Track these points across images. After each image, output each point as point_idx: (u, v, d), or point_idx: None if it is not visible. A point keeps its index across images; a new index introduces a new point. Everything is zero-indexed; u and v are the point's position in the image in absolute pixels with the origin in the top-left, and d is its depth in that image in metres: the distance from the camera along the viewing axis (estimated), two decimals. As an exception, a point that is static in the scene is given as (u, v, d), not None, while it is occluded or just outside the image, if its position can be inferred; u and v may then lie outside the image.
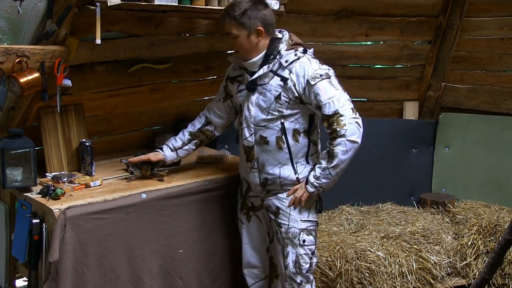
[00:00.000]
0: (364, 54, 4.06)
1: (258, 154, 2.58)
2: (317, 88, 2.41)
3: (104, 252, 2.44)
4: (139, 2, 2.49)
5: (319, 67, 2.46)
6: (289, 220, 2.57)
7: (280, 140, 2.52)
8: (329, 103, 2.40)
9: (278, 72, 2.49)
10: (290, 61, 2.47)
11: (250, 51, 2.51)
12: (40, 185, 2.59)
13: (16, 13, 2.28)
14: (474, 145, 4.00)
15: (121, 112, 3.18)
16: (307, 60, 2.47)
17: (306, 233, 2.58)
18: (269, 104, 2.50)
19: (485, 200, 3.86)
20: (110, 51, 2.87)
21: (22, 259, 2.46)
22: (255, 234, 2.78)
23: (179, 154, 2.82)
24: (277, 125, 2.52)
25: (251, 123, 2.56)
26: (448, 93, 4.21)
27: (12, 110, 2.60)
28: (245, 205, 2.77)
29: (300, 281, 2.60)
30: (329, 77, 2.45)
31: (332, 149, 2.41)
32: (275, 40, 2.52)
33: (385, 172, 3.98)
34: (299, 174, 2.55)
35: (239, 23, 2.45)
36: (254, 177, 2.62)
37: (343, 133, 2.38)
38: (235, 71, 2.70)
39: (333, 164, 2.42)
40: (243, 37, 2.48)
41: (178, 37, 3.14)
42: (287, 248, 2.59)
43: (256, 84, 2.53)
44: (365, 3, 3.79)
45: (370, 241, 3.26)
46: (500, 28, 3.91)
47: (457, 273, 3.39)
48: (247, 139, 2.59)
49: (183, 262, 2.70)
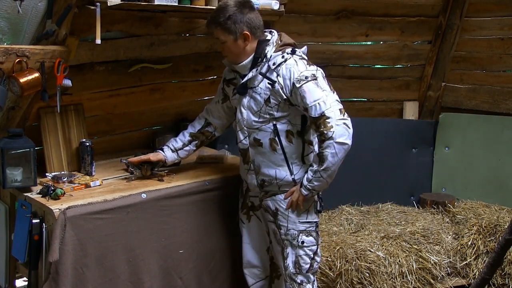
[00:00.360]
0: (364, 54, 4.06)
1: (254, 156, 2.58)
2: (302, 91, 2.39)
3: (104, 252, 2.44)
4: (139, 2, 2.49)
5: (305, 69, 2.43)
6: (287, 222, 2.57)
7: (273, 142, 2.52)
8: (315, 105, 2.37)
9: (267, 74, 2.48)
10: (277, 63, 2.45)
11: (238, 55, 2.51)
12: (40, 185, 2.59)
13: (16, 13, 2.28)
14: (474, 145, 3.99)
15: (121, 112, 3.18)
16: (293, 62, 2.44)
17: (305, 234, 2.58)
18: (259, 107, 2.50)
19: (485, 200, 3.85)
20: (110, 51, 2.87)
21: (22, 259, 2.46)
22: (255, 234, 2.79)
23: (179, 155, 2.82)
24: (269, 127, 2.51)
25: (244, 125, 2.56)
26: (448, 93, 4.21)
27: (12, 110, 2.60)
28: (245, 205, 2.77)
29: (301, 281, 2.60)
30: (315, 78, 2.41)
31: (321, 152, 2.39)
32: (263, 43, 2.50)
33: (385, 172, 3.98)
34: (295, 175, 2.55)
35: (224, 29, 2.45)
36: (252, 178, 2.62)
37: (330, 135, 2.35)
38: (230, 74, 2.70)
39: (324, 167, 2.40)
40: (230, 42, 2.47)
41: (178, 37, 3.15)
42: (287, 250, 2.59)
43: (246, 87, 2.53)
44: (365, 3, 3.79)
45: (370, 241, 3.26)
46: (500, 28, 3.91)
47: (457, 273, 3.39)
48: (241, 142, 2.60)
49: (183, 262, 2.70)
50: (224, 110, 2.80)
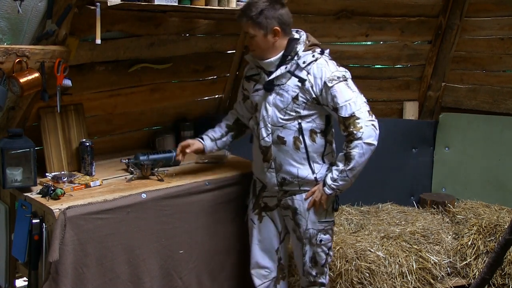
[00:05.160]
0: (364, 54, 4.06)
1: (275, 154, 2.58)
2: (334, 90, 2.43)
3: (104, 252, 2.44)
4: (139, 2, 2.49)
5: (336, 69, 2.48)
6: (307, 221, 2.61)
7: (297, 140, 2.53)
8: (345, 105, 2.42)
9: (295, 72, 2.50)
10: (307, 62, 2.48)
11: (266, 50, 2.51)
12: (40, 185, 2.60)
13: (16, 13, 2.28)
14: (474, 145, 3.99)
15: (121, 112, 3.18)
16: (324, 61, 2.49)
17: (323, 233, 2.64)
18: (286, 105, 2.51)
19: (485, 200, 3.85)
20: (110, 51, 2.87)
21: (22, 259, 2.46)
22: (266, 235, 2.78)
23: (218, 144, 2.85)
24: (294, 125, 2.53)
25: (268, 123, 2.56)
26: (448, 93, 4.21)
27: (12, 110, 2.60)
28: (258, 205, 2.77)
29: (316, 273, 2.69)
30: (346, 79, 2.48)
31: (349, 152, 2.44)
32: (293, 41, 2.53)
33: (385, 172, 3.97)
34: (316, 174, 2.57)
35: (256, 23, 2.46)
36: (272, 177, 2.62)
37: (359, 135, 2.41)
38: (251, 70, 2.71)
39: (350, 166, 2.45)
40: (260, 37, 2.48)
41: (178, 37, 3.15)
42: (305, 247, 2.65)
43: (273, 84, 2.54)
44: (365, 3, 3.79)
45: (370, 241, 3.26)
46: (500, 28, 3.90)
47: (457, 273, 3.39)
48: (264, 139, 2.59)
49: (183, 262, 2.70)
50: (247, 109, 2.82)
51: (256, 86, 2.64)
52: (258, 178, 2.74)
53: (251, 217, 2.80)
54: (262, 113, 2.58)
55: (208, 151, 2.82)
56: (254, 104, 2.67)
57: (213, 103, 3.68)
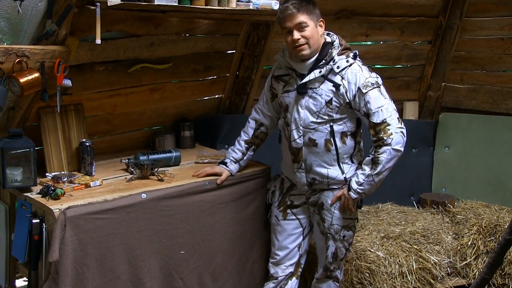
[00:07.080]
0: (364, 54, 4.04)
1: (306, 155, 2.61)
2: (368, 97, 2.46)
3: (104, 252, 2.43)
4: (139, 2, 2.49)
5: (369, 75, 2.50)
6: (332, 217, 2.65)
7: (328, 142, 2.56)
8: (378, 112, 2.45)
9: (328, 77, 2.52)
10: (342, 67, 2.50)
11: (317, 41, 2.51)
12: (40, 185, 2.59)
13: (16, 13, 2.28)
14: (474, 145, 4.00)
15: (121, 112, 3.18)
16: (358, 67, 2.51)
17: (347, 229, 2.68)
18: (319, 108, 2.53)
19: (485, 200, 3.86)
20: (110, 51, 2.87)
21: (22, 259, 2.46)
22: (289, 231, 2.82)
23: (241, 164, 2.86)
24: (326, 128, 2.55)
25: (300, 125, 2.58)
26: (448, 93, 4.21)
27: (12, 110, 2.60)
28: (284, 202, 2.81)
29: (333, 268, 2.76)
30: (379, 86, 2.50)
31: (377, 157, 2.47)
32: (327, 45, 2.54)
33: (385, 172, 3.98)
34: (346, 174, 2.62)
35: (309, 11, 2.47)
36: (302, 177, 2.66)
37: (389, 142, 2.44)
38: (279, 70, 2.71)
39: (377, 171, 2.49)
40: (312, 26, 2.49)
41: (178, 37, 3.15)
42: (329, 242, 2.69)
43: (306, 87, 2.55)
44: (365, 3, 3.79)
45: (370, 241, 3.27)
46: (500, 28, 3.91)
47: (457, 273, 3.39)
48: (295, 141, 2.61)
49: (184, 263, 2.70)
50: (274, 109, 2.81)
51: (287, 87, 2.65)
52: (287, 177, 2.78)
53: (275, 213, 2.84)
54: (294, 115, 2.60)
55: (235, 173, 2.84)
56: (284, 105, 2.67)
57: (213, 103, 3.68)
